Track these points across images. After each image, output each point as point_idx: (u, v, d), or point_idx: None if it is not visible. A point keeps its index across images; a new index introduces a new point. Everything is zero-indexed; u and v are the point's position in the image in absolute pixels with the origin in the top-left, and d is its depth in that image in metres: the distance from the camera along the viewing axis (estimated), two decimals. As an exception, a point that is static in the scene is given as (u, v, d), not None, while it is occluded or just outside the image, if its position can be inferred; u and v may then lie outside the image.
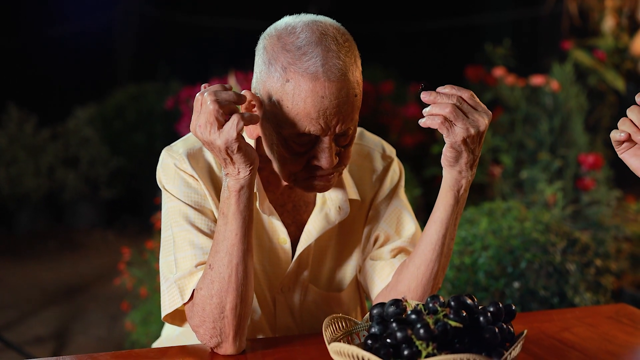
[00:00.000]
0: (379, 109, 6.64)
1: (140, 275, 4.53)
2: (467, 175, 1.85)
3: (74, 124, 8.68)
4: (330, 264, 2.14)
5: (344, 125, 1.82)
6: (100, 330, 5.44)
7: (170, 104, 6.90)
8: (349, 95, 1.80)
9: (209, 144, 1.73)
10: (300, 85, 1.77)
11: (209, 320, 1.84)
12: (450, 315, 1.55)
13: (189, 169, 1.95)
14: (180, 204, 1.94)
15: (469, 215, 3.62)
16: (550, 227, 3.41)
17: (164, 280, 1.93)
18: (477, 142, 1.79)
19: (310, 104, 1.77)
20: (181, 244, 1.91)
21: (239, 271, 1.81)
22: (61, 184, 8.33)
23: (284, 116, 1.80)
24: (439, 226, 1.91)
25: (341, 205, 2.04)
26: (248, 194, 1.79)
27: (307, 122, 1.79)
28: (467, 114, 1.74)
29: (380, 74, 8.79)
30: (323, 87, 1.76)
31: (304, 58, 1.77)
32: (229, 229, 1.80)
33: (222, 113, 1.69)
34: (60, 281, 6.54)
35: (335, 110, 1.78)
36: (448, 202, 1.88)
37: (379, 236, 2.11)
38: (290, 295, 2.10)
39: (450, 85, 1.76)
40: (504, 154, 4.97)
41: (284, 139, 1.84)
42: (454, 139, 1.76)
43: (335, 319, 1.74)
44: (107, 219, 8.52)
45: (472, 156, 1.82)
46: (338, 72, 1.77)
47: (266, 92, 1.83)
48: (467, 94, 1.75)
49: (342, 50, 1.79)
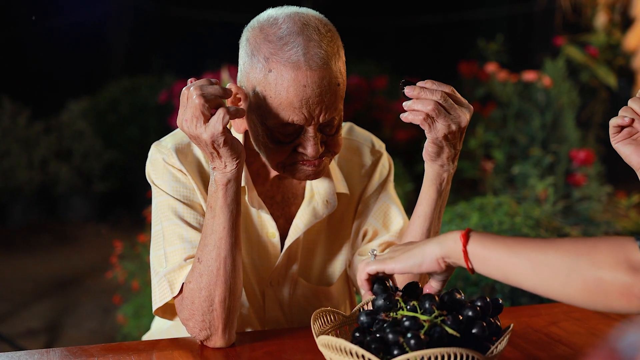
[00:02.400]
0: (372, 103, 6.65)
1: (132, 269, 4.54)
2: (449, 168, 1.87)
3: (67, 117, 8.66)
4: (319, 258, 2.15)
5: (327, 115, 1.83)
6: (93, 323, 5.45)
7: (164, 98, 6.90)
8: (332, 84, 1.81)
9: (196, 138, 1.74)
10: (282, 75, 1.78)
11: (198, 313, 1.85)
12: (448, 322, 1.56)
13: (177, 164, 1.96)
14: (169, 199, 1.95)
15: (460, 210, 3.64)
16: (540, 222, 3.43)
17: (154, 275, 1.95)
18: (459, 137, 1.81)
19: (292, 93, 1.78)
20: (170, 238, 1.93)
21: (227, 264, 1.82)
22: (54, 177, 8.32)
23: (267, 107, 1.82)
24: (422, 220, 1.92)
25: (329, 199, 2.05)
26: (235, 188, 1.80)
27: (291, 111, 1.80)
28: (449, 110, 1.76)
29: (374, 68, 8.79)
30: (305, 76, 1.77)
31: (285, 48, 1.78)
32: (217, 223, 1.81)
33: (207, 107, 1.70)
34: (53, 274, 6.55)
35: (318, 99, 1.80)
36: (431, 196, 1.90)
37: (367, 231, 2.12)
38: (280, 288, 2.11)
39: (430, 81, 1.77)
40: (496, 149, 4.99)
41: (269, 130, 1.85)
42: (435, 135, 1.78)
43: (324, 312, 1.75)
44: (100, 213, 8.52)
45: (454, 150, 1.84)
46: (320, 60, 1.78)
47: (250, 84, 1.85)
48: (448, 89, 1.77)
49: (324, 40, 1.81)
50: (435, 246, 1.53)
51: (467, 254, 1.48)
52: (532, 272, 1.42)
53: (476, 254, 1.48)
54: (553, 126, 4.82)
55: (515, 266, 1.44)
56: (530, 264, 1.42)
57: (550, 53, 5.54)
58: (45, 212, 8.49)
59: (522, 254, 1.44)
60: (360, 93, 6.59)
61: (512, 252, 1.45)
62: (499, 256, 1.46)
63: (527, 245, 1.45)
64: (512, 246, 1.45)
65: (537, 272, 1.41)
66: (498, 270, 1.47)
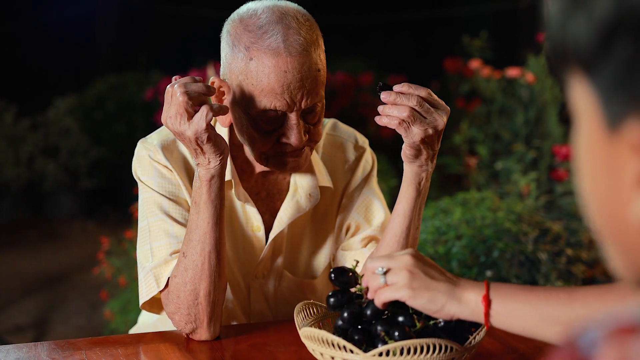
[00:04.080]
0: (358, 100, 6.67)
1: (119, 265, 4.56)
2: (428, 168, 1.89)
3: (54, 114, 8.66)
4: (304, 251, 2.18)
5: (309, 100, 1.87)
6: (80, 319, 5.47)
7: (150, 95, 6.91)
8: (312, 70, 1.85)
9: (180, 135, 1.77)
10: (263, 62, 1.82)
11: (184, 307, 1.88)
12: (441, 323, 1.59)
13: (163, 160, 1.99)
14: (154, 195, 1.98)
15: (443, 205, 3.68)
16: (522, 217, 3.47)
17: (141, 269, 1.98)
18: (436, 139, 1.82)
19: (274, 79, 1.82)
20: (156, 233, 1.96)
21: (211, 259, 1.86)
22: (41, 174, 8.32)
23: (250, 95, 1.85)
24: (402, 219, 1.94)
25: (311, 192, 2.08)
26: (219, 183, 1.84)
27: (272, 97, 1.84)
28: (425, 115, 1.77)
29: (360, 65, 8.81)
30: (285, 62, 1.81)
31: (265, 36, 1.82)
32: (201, 218, 1.84)
33: (191, 104, 1.74)
34: (40, 271, 6.56)
35: (299, 85, 1.83)
36: (410, 195, 1.91)
37: (350, 225, 2.15)
38: (265, 282, 2.14)
39: (407, 84, 1.78)
40: (480, 144, 5.02)
41: (252, 119, 1.89)
42: (412, 140, 1.79)
43: (307, 305, 1.79)
44: (87, 209, 8.52)
45: (432, 152, 1.85)
46: (299, 47, 1.83)
47: (232, 75, 1.89)
48: (424, 92, 1.78)
49: (302, 28, 1.85)
50: (456, 306, 1.49)
51: (488, 316, 1.46)
52: (561, 331, 1.38)
53: (498, 316, 1.46)
54: (536, 122, 4.86)
55: (541, 326, 1.41)
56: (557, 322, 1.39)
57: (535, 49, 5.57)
58: (32, 209, 8.49)
59: (549, 313, 1.40)
60: (346, 89, 6.61)
61: (538, 312, 1.41)
62: (524, 317, 1.43)
63: (551, 301, 1.41)
64: (535, 304, 1.42)
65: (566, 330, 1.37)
66: (523, 330, 1.45)
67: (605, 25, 0.65)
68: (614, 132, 0.66)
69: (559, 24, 0.70)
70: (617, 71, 0.65)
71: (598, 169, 0.69)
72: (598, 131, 0.68)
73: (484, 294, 1.46)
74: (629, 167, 0.65)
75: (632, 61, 0.64)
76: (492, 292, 1.46)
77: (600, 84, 0.67)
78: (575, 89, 0.71)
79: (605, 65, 0.66)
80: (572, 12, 0.68)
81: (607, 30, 0.65)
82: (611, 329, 0.63)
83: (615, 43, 0.65)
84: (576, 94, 0.71)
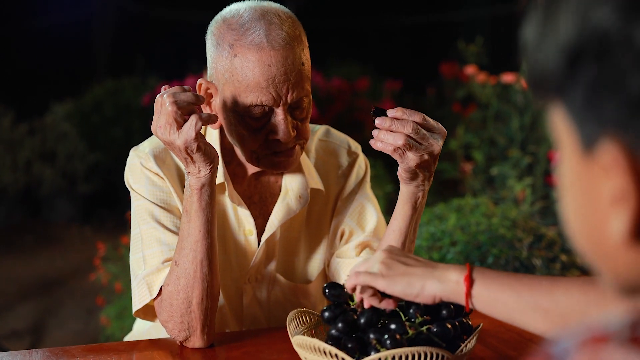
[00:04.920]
0: (354, 105, 6.68)
1: (115, 271, 4.57)
2: (424, 187, 1.89)
3: (51, 119, 8.67)
4: (297, 256, 2.18)
5: (295, 94, 1.88)
6: (76, 325, 5.47)
7: (147, 100, 6.92)
8: (296, 63, 1.87)
9: (170, 144, 1.79)
10: (246, 58, 1.84)
11: (177, 315, 1.89)
12: (434, 329, 1.60)
13: (155, 168, 2.00)
14: (146, 202, 1.99)
15: (438, 211, 3.68)
16: (517, 223, 3.48)
17: (134, 277, 1.99)
18: (433, 163, 1.82)
19: (258, 73, 1.84)
20: (148, 241, 1.97)
21: (203, 267, 1.86)
22: (38, 179, 8.32)
23: (236, 92, 1.87)
24: (397, 235, 1.94)
25: (301, 194, 2.09)
26: (210, 192, 1.85)
27: (258, 92, 1.85)
28: (421, 141, 1.76)
29: (356, 70, 8.83)
30: (269, 55, 1.84)
31: (247, 33, 1.85)
32: (193, 226, 1.85)
33: (180, 114, 1.75)
34: (37, 275, 6.56)
35: (283, 78, 1.85)
36: (406, 212, 1.91)
37: (344, 231, 2.15)
38: (258, 286, 2.14)
39: (401, 109, 1.78)
40: (476, 150, 5.03)
41: (240, 117, 1.90)
42: (407, 165, 1.79)
43: (300, 312, 1.79)
44: (85, 214, 8.52)
45: (428, 173, 1.86)
46: (282, 41, 1.85)
47: (218, 74, 1.91)
48: (419, 117, 1.77)
49: (284, 24, 1.88)
50: (436, 284, 1.47)
51: (469, 296, 1.45)
52: (541, 318, 1.38)
53: (480, 297, 1.44)
54: (532, 127, 4.86)
55: (522, 312, 1.40)
56: (538, 309, 1.37)
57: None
58: (29, 214, 8.49)
59: (531, 299, 1.39)
60: (342, 94, 6.62)
61: (520, 297, 1.40)
62: (505, 301, 1.41)
63: (534, 288, 1.40)
64: (518, 289, 1.40)
65: (546, 318, 1.37)
66: (502, 314, 1.43)
67: (570, 49, 0.67)
68: (589, 155, 0.68)
69: (532, 51, 0.72)
70: (585, 94, 0.67)
71: (578, 190, 0.71)
72: (576, 154, 0.70)
73: (465, 274, 1.45)
74: (604, 187, 0.67)
75: (597, 83, 0.66)
76: (475, 273, 1.45)
77: (572, 108, 0.69)
78: (553, 114, 0.72)
79: (574, 89, 0.68)
80: (542, 39, 0.70)
81: (572, 55, 0.67)
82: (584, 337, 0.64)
83: (580, 66, 0.66)
84: (554, 119, 0.73)
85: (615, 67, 0.64)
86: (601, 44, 0.65)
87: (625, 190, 0.66)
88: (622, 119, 0.65)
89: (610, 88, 0.65)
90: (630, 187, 0.66)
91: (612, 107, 0.65)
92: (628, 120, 0.65)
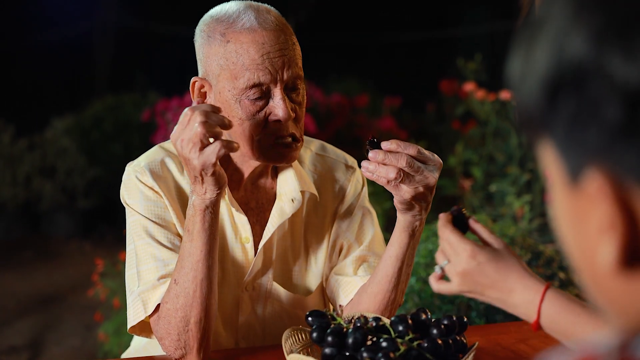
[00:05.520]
0: (354, 121, 6.69)
1: (113, 287, 4.56)
2: (422, 216, 1.88)
3: (51, 134, 8.68)
4: (295, 266, 2.17)
5: (290, 71, 1.90)
6: (75, 340, 5.46)
7: (147, 116, 6.93)
8: (288, 42, 1.91)
9: (185, 160, 1.78)
10: (240, 40, 1.87)
11: (174, 332, 1.89)
12: (425, 344, 1.60)
13: (150, 182, 1.99)
14: (140, 218, 1.99)
15: (436, 228, 3.67)
16: (515, 240, 3.48)
17: (129, 294, 1.99)
18: (429, 194, 1.82)
19: (253, 51, 1.87)
20: (143, 257, 1.97)
21: (203, 287, 1.86)
22: (38, 194, 8.32)
23: (232, 76, 1.89)
24: (394, 261, 1.94)
25: (294, 197, 2.08)
26: (213, 213, 1.84)
27: (254, 69, 1.87)
28: (415, 174, 1.76)
29: (356, 86, 8.84)
30: (262, 35, 1.88)
31: (237, 20, 1.89)
32: (194, 246, 1.84)
33: (207, 136, 1.74)
34: (36, 291, 6.55)
35: (278, 53, 1.88)
36: (403, 240, 1.91)
37: (342, 245, 2.15)
38: (255, 294, 2.13)
39: (396, 141, 1.77)
40: (475, 166, 5.04)
41: (238, 102, 1.90)
42: (401, 197, 1.80)
43: (296, 330, 1.79)
44: (84, 229, 8.51)
45: (425, 204, 1.85)
46: (272, 23, 1.90)
47: (211, 66, 1.93)
48: (413, 150, 1.76)
49: (271, 12, 1.94)
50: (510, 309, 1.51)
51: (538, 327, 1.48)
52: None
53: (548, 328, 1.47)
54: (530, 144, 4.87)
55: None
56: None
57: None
58: (28, 229, 8.48)
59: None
60: (342, 110, 6.63)
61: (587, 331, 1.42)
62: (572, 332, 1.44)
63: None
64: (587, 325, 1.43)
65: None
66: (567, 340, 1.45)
67: (549, 82, 0.68)
68: (577, 186, 0.69)
69: (516, 87, 0.73)
70: (566, 126, 0.68)
71: (570, 222, 0.72)
72: (565, 187, 0.70)
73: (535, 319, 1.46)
74: (593, 217, 0.68)
75: (577, 114, 0.67)
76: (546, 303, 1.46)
77: (557, 141, 0.69)
78: (541, 147, 0.73)
79: (556, 122, 0.69)
80: (524, 73, 0.71)
81: (551, 87, 0.68)
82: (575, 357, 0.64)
83: (560, 99, 0.67)
84: (543, 153, 0.73)
85: (591, 97, 0.65)
86: (577, 74, 0.66)
87: (612, 219, 0.66)
88: (603, 148, 0.65)
89: (589, 118, 0.66)
90: (616, 216, 0.66)
91: (592, 136, 0.66)
92: (609, 149, 0.65)
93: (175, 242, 1.98)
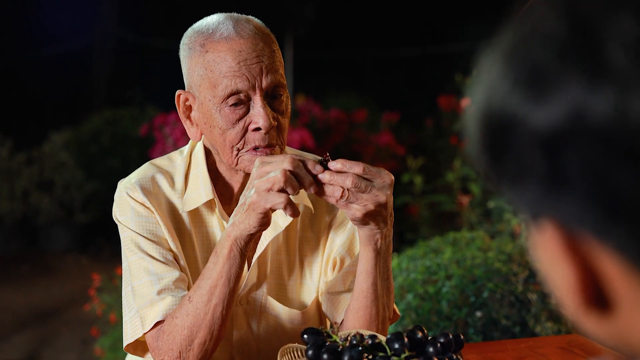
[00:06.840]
0: (352, 136, 6.70)
1: (110, 301, 4.55)
2: (382, 230, 1.85)
3: (49, 149, 8.69)
4: (290, 280, 2.16)
5: (269, 78, 1.88)
6: (71, 355, 5.44)
7: (145, 130, 6.93)
8: (266, 48, 1.89)
9: (251, 183, 1.77)
10: (217, 49, 1.87)
11: (176, 349, 1.87)
12: None
13: (140, 197, 1.99)
14: (132, 234, 1.98)
15: (433, 244, 3.68)
16: (512, 257, 3.47)
17: (127, 311, 1.97)
18: (383, 209, 1.79)
19: (230, 59, 1.86)
20: (137, 272, 1.95)
21: (215, 312, 1.84)
22: (36, 208, 8.33)
23: (211, 85, 1.88)
24: (365, 276, 1.93)
25: None
26: (242, 245, 1.82)
27: (232, 76, 1.86)
28: (363, 192, 1.75)
29: (354, 101, 8.86)
30: (239, 43, 1.86)
31: (216, 30, 1.89)
32: (217, 270, 1.83)
33: (284, 186, 1.71)
34: (33, 305, 6.54)
35: (256, 60, 1.87)
36: (368, 254, 1.89)
37: (336, 260, 2.14)
38: (249, 308, 2.11)
39: (342, 161, 1.76)
40: (473, 183, 5.04)
41: (218, 111, 1.90)
42: (352, 216, 1.78)
43: (291, 348, 1.78)
44: (81, 244, 8.52)
45: (381, 218, 1.82)
46: (251, 31, 1.88)
47: (194, 77, 1.93)
48: (359, 168, 1.75)
49: (251, 22, 1.92)
50: None
51: None
52: None
53: None
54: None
55: None
56: None
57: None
58: (26, 243, 8.49)
59: None
60: (340, 125, 6.64)
61: None
62: None
63: None
64: None
65: None
66: None
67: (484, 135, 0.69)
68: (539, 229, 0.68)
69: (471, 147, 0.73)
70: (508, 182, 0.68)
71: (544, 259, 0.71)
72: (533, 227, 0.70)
73: None
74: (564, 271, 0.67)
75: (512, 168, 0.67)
76: None
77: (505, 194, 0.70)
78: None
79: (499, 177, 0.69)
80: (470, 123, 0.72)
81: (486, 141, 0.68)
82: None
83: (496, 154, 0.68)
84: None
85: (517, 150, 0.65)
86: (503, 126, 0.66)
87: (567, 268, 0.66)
88: (540, 200, 0.65)
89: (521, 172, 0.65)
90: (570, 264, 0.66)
91: (529, 192, 0.66)
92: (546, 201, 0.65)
93: (168, 256, 1.97)
